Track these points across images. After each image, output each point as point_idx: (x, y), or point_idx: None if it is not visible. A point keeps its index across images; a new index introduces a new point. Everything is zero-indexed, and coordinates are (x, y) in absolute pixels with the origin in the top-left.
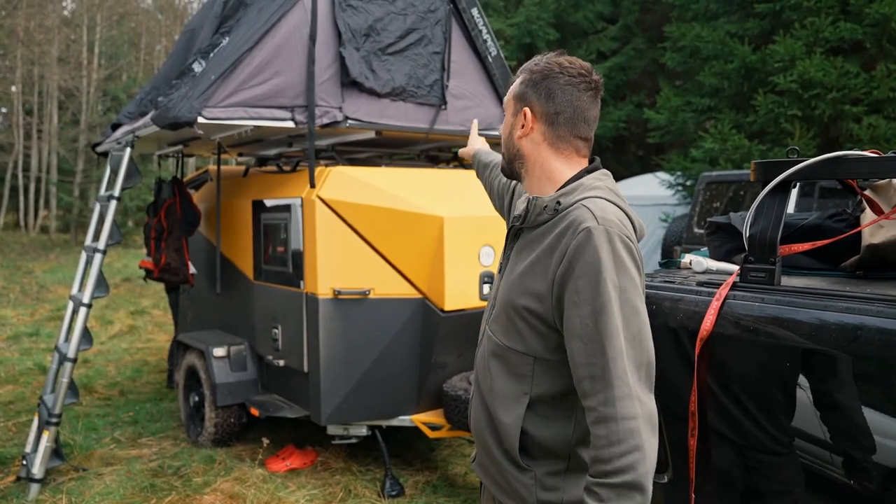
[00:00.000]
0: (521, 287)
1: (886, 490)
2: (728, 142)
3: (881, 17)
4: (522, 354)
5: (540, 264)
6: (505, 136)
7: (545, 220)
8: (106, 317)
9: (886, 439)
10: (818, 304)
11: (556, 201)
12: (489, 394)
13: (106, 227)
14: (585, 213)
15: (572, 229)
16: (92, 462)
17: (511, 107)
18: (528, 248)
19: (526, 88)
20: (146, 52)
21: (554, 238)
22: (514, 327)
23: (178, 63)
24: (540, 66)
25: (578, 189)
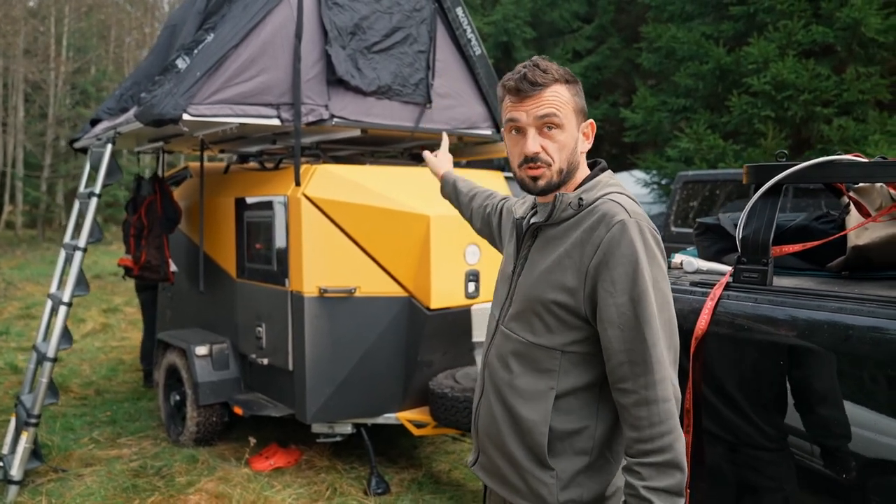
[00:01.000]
0: (549, 282)
1: (877, 485)
2: (703, 141)
3: (851, 22)
4: (549, 349)
5: (570, 258)
6: (569, 150)
7: (569, 216)
8: (78, 315)
9: (878, 435)
10: (811, 304)
11: (579, 197)
12: (510, 392)
13: (86, 225)
14: (616, 207)
15: (605, 223)
16: (71, 463)
17: (573, 121)
18: (553, 244)
19: (581, 100)
20: (116, 44)
21: (584, 232)
22: (542, 322)
23: (159, 59)
24: (573, 76)
25: (598, 186)
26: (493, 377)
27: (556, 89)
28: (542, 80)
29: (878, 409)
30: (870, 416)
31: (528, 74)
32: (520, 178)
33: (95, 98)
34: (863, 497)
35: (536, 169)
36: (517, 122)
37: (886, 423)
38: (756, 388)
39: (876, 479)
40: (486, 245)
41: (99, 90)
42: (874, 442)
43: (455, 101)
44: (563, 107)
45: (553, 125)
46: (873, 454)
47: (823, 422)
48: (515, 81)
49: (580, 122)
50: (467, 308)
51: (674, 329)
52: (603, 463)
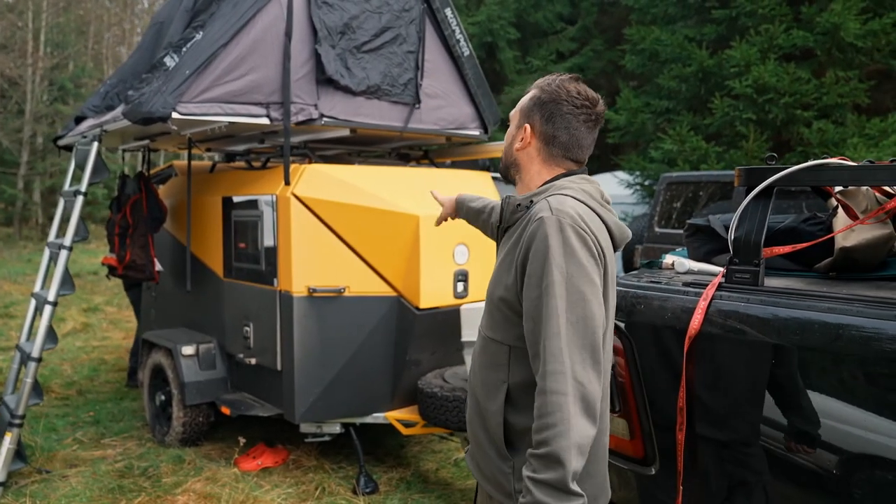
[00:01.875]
0: (497, 279)
1: (867, 481)
2: (686, 143)
3: (831, 26)
4: (500, 344)
5: (509, 256)
6: (506, 143)
7: (518, 217)
8: (57, 314)
9: (867, 433)
10: (802, 304)
11: (529, 200)
12: (478, 384)
13: (72, 224)
14: (543, 205)
15: (532, 221)
16: (55, 464)
17: (516, 119)
18: (504, 244)
19: (532, 106)
20: (95, 40)
21: (520, 231)
22: (494, 318)
23: (146, 56)
24: (550, 88)
25: (549, 189)
26: (472, 369)
27: (528, 93)
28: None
29: (867, 407)
30: (860, 414)
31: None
32: None
33: (74, 94)
34: (852, 493)
35: None
36: None
37: (876, 421)
38: (748, 386)
39: (866, 475)
40: (475, 245)
41: (77, 87)
42: (864, 439)
43: (444, 101)
44: (517, 106)
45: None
46: (863, 451)
47: (815, 420)
48: None
49: (520, 123)
50: (456, 308)
51: (588, 327)
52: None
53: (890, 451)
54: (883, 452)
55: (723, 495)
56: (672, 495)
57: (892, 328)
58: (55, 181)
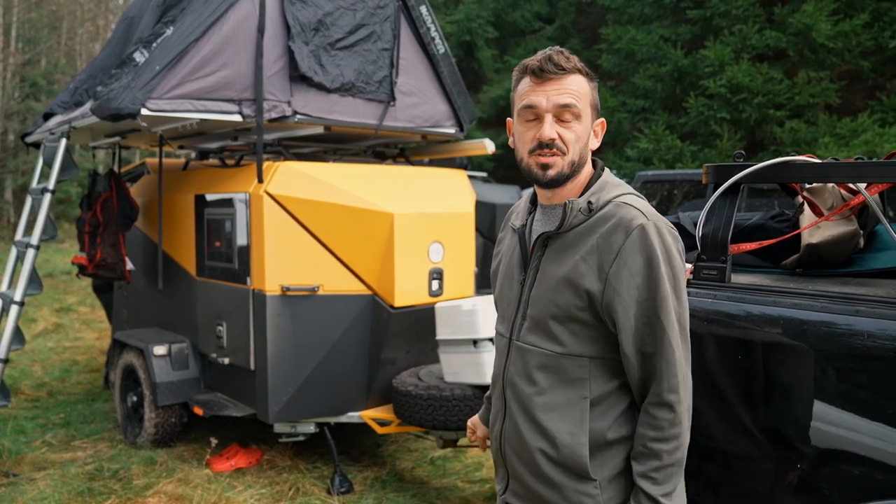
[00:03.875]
0: (568, 289)
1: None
2: (661, 142)
3: (803, 27)
4: (577, 357)
5: (587, 264)
6: (583, 142)
7: (580, 221)
8: (29, 314)
9: (834, 427)
10: (767, 300)
11: (589, 201)
12: (541, 409)
13: (39, 222)
14: (633, 212)
15: (623, 227)
16: (23, 467)
17: (589, 114)
18: (567, 251)
19: (597, 97)
20: (68, 36)
21: (601, 237)
22: (566, 331)
23: (116, 52)
24: (592, 72)
25: (606, 187)
26: (517, 396)
27: (578, 79)
28: (566, 65)
29: (833, 402)
30: (827, 408)
31: (554, 57)
32: (527, 167)
33: (46, 91)
34: (818, 487)
35: (550, 156)
36: (536, 106)
37: (841, 416)
38: (716, 381)
39: (830, 467)
40: (450, 243)
41: (50, 83)
42: (828, 433)
43: (419, 99)
44: (583, 98)
45: (571, 115)
46: (827, 444)
47: (782, 414)
48: (540, 62)
49: (594, 117)
50: (431, 306)
51: (687, 333)
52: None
53: (853, 445)
54: (847, 447)
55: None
56: None
57: (856, 323)
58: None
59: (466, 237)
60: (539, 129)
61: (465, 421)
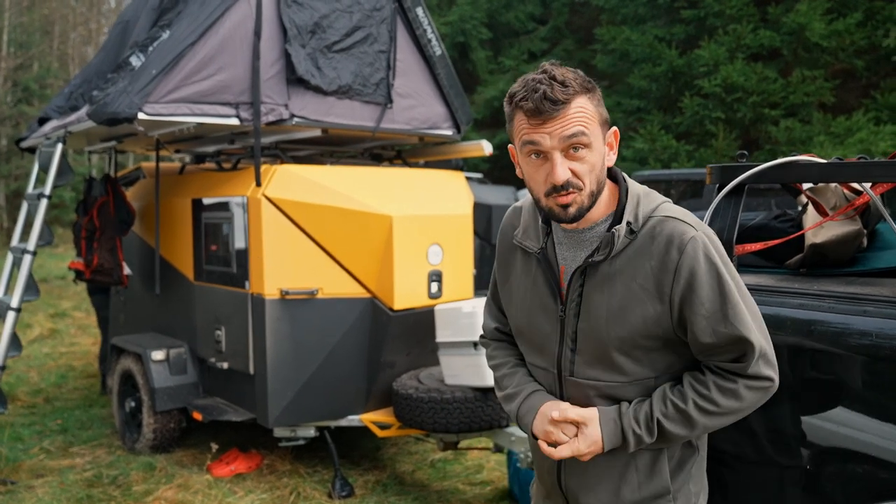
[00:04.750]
0: (628, 318)
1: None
2: (657, 142)
3: (797, 27)
4: (641, 381)
5: (645, 290)
6: (598, 169)
7: (624, 245)
8: (24, 320)
9: (840, 427)
10: (774, 300)
11: (628, 222)
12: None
13: (36, 227)
14: (681, 225)
15: (676, 245)
16: (21, 474)
17: (599, 136)
18: (617, 278)
19: (604, 111)
20: (60, 40)
21: (655, 260)
22: (630, 360)
23: (111, 56)
24: (590, 82)
25: (639, 201)
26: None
27: (580, 103)
28: (563, 96)
29: (839, 402)
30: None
31: (549, 92)
32: (546, 207)
33: (39, 95)
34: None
35: (567, 196)
36: (539, 145)
37: (848, 415)
38: None
39: (839, 468)
40: (449, 245)
41: (42, 87)
42: (836, 433)
43: (416, 101)
44: (590, 123)
45: (581, 145)
46: (836, 444)
47: (787, 414)
48: (535, 102)
49: (605, 133)
50: (430, 308)
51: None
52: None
53: (859, 445)
54: (853, 446)
55: None
56: None
57: (863, 323)
58: (20, 184)
59: (465, 239)
60: (549, 170)
61: (465, 423)
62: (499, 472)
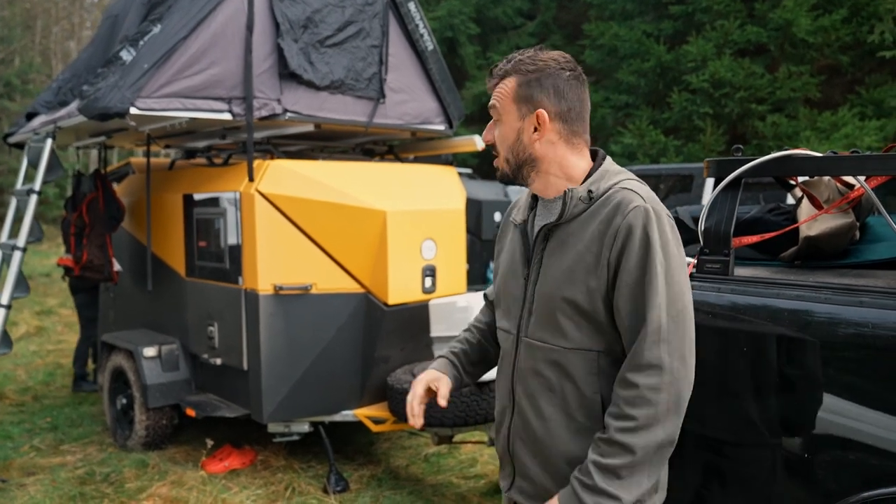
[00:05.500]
0: (573, 280)
1: (836, 462)
2: (645, 137)
3: (783, 22)
4: (586, 352)
5: (590, 252)
6: (510, 141)
7: (580, 210)
8: (10, 318)
9: (836, 417)
10: (771, 292)
11: (589, 190)
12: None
13: (26, 223)
14: (631, 195)
15: (621, 211)
16: (11, 472)
17: (513, 112)
18: (570, 241)
19: (529, 90)
20: (42, 35)
21: (601, 224)
22: (573, 325)
23: (101, 50)
24: (536, 65)
25: (606, 175)
26: (529, 394)
27: (507, 82)
28: (498, 73)
29: (835, 392)
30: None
31: (494, 68)
32: None
33: (21, 91)
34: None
35: (495, 158)
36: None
37: (844, 405)
38: (721, 373)
39: (836, 457)
40: (442, 240)
41: (25, 83)
42: (832, 423)
43: (408, 95)
44: (503, 99)
45: (495, 118)
46: (833, 434)
47: (786, 404)
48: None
49: (524, 112)
50: (425, 303)
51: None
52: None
53: (856, 434)
54: (849, 435)
55: (697, 481)
56: None
57: (859, 314)
58: (3, 180)
59: (458, 234)
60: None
61: (461, 418)
62: (493, 465)
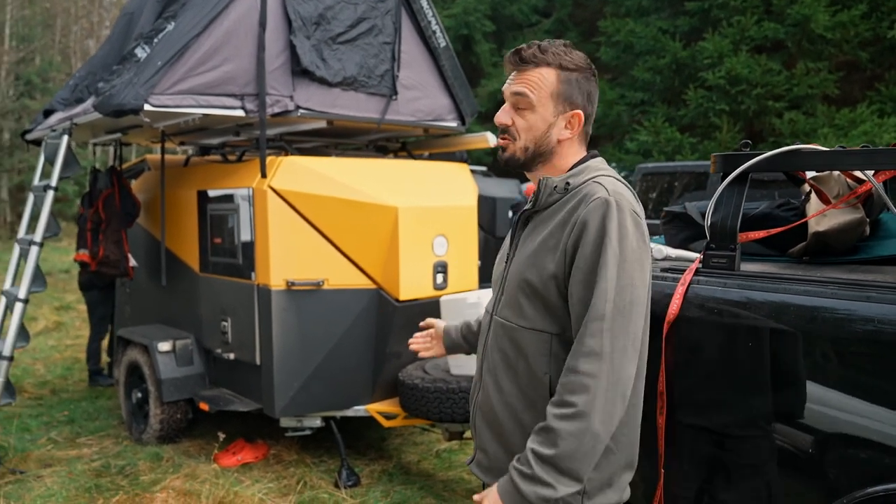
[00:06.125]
0: (535, 263)
1: (843, 460)
2: (661, 134)
3: (801, 18)
4: (539, 332)
5: (553, 238)
6: (538, 132)
7: (555, 200)
8: (29, 313)
9: (842, 413)
10: (777, 287)
11: (566, 182)
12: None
13: (42, 219)
14: (597, 187)
15: (585, 202)
16: (29, 464)
17: (549, 106)
18: (540, 227)
19: (570, 89)
20: (62, 33)
21: (566, 213)
22: (530, 304)
23: (116, 48)
24: (576, 65)
25: (586, 170)
26: (491, 369)
27: (544, 72)
28: (531, 59)
29: (842, 388)
30: (836, 395)
31: (523, 51)
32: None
33: (41, 89)
34: (827, 473)
35: (504, 140)
36: (503, 92)
37: (850, 402)
38: (726, 369)
39: (840, 453)
40: (454, 236)
41: (45, 81)
42: (839, 420)
43: (420, 92)
44: (539, 90)
45: (525, 104)
46: (837, 430)
47: (792, 401)
48: (510, 53)
49: (561, 109)
50: (436, 299)
51: (634, 313)
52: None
53: (862, 431)
54: (856, 432)
55: (702, 478)
56: (653, 479)
57: (866, 309)
58: (23, 178)
59: (470, 230)
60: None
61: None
62: None
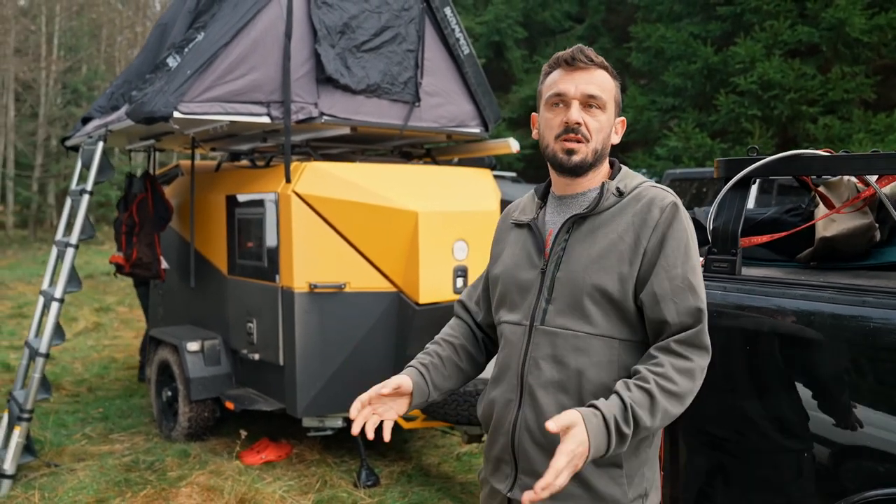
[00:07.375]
0: (604, 267)
1: (840, 463)
2: (691, 140)
3: (836, 22)
4: (608, 339)
5: (623, 242)
6: (605, 133)
7: (612, 204)
8: (70, 314)
9: (839, 415)
10: (776, 291)
11: (618, 187)
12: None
13: (78, 222)
14: (664, 193)
15: (658, 206)
16: (63, 458)
17: (612, 109)
18: (600, 231)
19: (619, 96)
20: (107, 44)
21: (635, 216)
22: (600, 311)
23: (150, 57)
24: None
25: (628, 176)
26: (542, 382)
27: (604, 74)
28: (595, 59)
29: (839, 391)
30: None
31: (585, 50)
32: (552, 152)
33: (87, 97)
34: (828, 475)
35: (575, 142)
36: (565, 94)
37: (847, 405)
38: (725, 372)
39: (840, 457)
40: (474, 241)
41: (90, 89)
42: (836, 422)
43: (443, 99)
44: (607, 92)
45: (596, 105)
46: (837, 434)
47: (790, 405)
48: (572, 52)
49: (616, 113)
50: None
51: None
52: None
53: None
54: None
55: (701, 480)
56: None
57: (862, 314)
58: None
59: (490, 235)
60: (566, 114)
61: None
62: None
